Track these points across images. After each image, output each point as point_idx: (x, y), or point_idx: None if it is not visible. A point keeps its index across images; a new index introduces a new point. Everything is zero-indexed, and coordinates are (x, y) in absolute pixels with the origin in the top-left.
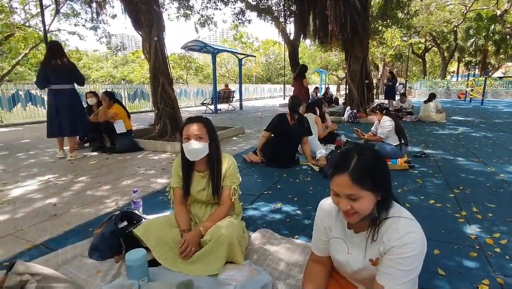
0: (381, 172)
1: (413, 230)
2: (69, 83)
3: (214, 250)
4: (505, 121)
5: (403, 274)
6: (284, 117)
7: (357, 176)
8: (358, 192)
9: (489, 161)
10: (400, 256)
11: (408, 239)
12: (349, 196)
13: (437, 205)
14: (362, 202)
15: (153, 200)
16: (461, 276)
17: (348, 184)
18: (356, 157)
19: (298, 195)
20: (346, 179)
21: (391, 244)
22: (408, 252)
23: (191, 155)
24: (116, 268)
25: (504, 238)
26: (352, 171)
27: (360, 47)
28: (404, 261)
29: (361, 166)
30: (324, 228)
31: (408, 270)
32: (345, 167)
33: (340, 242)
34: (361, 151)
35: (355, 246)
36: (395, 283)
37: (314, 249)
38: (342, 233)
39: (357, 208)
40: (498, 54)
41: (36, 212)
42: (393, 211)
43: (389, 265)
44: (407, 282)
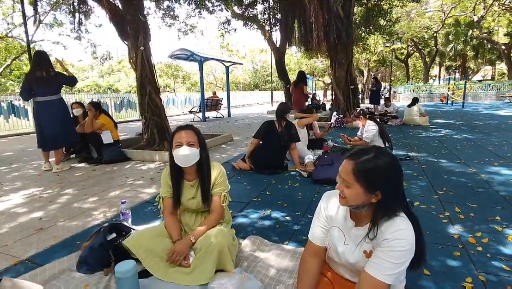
0: (385, 178)
1: (404, 228)
2: (55, 94)
3: (204, 259)
4: (485, 123)
5: (389, 266)
6: (272, 124)
7: (358, 169)
8: (351, 181)
9: (470, 162)
10: (391, 248)
11: (400, 234)
12: (344, 180)
13: (422, 206)
14: (351, 191)
15: (142, 210)
16: (446, 275)
17: (348, 170)
18: (372, 155)
19: (287, 201)
20: (349, 165)
21: (383, 236)
22: (399, 246)
23: (182, 161)
24: (105, 281)
25: (486, 237)
26: (359, 163)
27: (344, 54)
28: (393, 254)
29: (368, 164)
30: (326, 216)
31: (395, 263)
32: (358, 157)
33: (339, 232)
34: (380, 153)
35: (352, 238)
36: (380, 273)
37: (312, 238)
38: (342, 223)
39: (346, 194)
40: (477, 59)
41: (21, 226)
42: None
43: (378, 255)
44: (393, 275)
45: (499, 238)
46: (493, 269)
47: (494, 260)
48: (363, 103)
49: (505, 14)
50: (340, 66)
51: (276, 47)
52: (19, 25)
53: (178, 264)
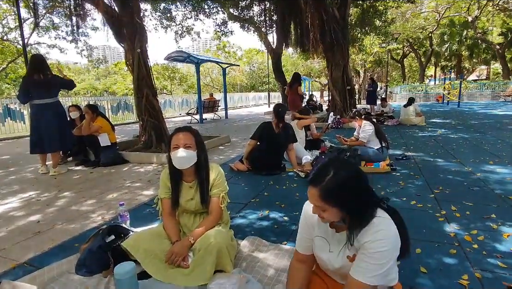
0: (352, 192)
1: (385, 228)
2: (52, 97)
3: (203, 260)
4: (480, 122)
5: (373, 268)
6: (269, 126)
7: (325, 193)
8: (324, 206)
9: (466, 161)
10: (372, 250)
11: (379, 235)
12: (317, 206)
13: (419, 205)
14: (328, 213)
15: (140, 212)
16: (442, 272)
17: (317, 198)
18: (331, 175)
19: (285, 201)
20: (316, 192)
21: (364, 240)
22: (379, 247)
23: (179, 163)
24: (104, 283)
25: (481, 235)
26: (322, 187)
27: (341, 55)
28: (375, 255)
29: (332, 185)
30: (308, 226)
31: (379, 264)
32: (319, 181)
33: (323, 241)
34: (338, 167)
35: (335, 245)
36: (366, 276)
37: (298, 248)
38: (324, 232)
39: (323, 216)
40: (472, 58)
41: (19, 230)
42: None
43: (361, 259)
44: (377, 276)
45: (494, 236)
46: (489, 266)
47: (490, 257)
48: (360, 104)
49: (499, 14)
50: (337, 67)
51: (272, 49)
52: (15, 29)
53: (177, 265)
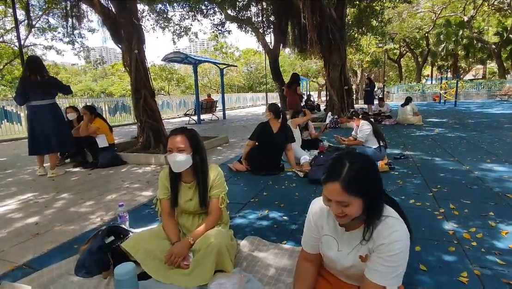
0: (371, 179)
1: (399, 228)
2: (49, 98)
3: (203, 260)
4: (477, 121)
5: (391, 270)
6: (268, 126)
7: (348, 185)
8: (348, 199)
9: (464, 160)
10: (388, 253)
11: (395, 237)
12: (340, 202)
13: (417, 204)
14: (351, 207)
15: (139, 213)
16: (441, 270)
17: (339, 192)
18: (348, 165)
19: (284, 201)
20: (337, 187)
21: (380, 242)
22: (395, 249)
23: (174, 167)
24: (104, 284)
25: (480, 232)
26: (343, 179)
27: (338, 55)
28: (391, 258)
29: (352, 175)
30: (316, 225)
31: (396, 266)
32: (337, 175)
33: (331, 240)
34: (353, 158)
35: (345, 244)
36: (384, 279)
37: (305, 246)
38: (333, 231)
39: (347, 212)
40: (468, 58)
41: (18, 231)
42: (384, 211)
43: (377, 262)
44: (395, 277)
45: (493, 233)
46: (488, 263)
47: (489, 255)
48: (358, 104)
49: (494, 14)
50: (334, 67)
51: (270, 49)
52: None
53: (177, 266)
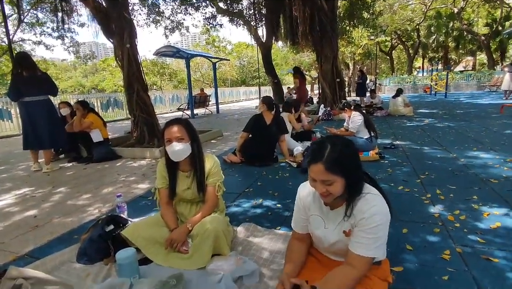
0: (351, 159)
1: (377, 203)
2: (43, 94)
3: (201, 244)
4: (465, 112)
5: (372, 242)
6: (261, 118)
7: (330, 165)
8: (331, 177)
9: (451, 148)
10: (368, 226)
11: (373, 210)
12: (323, 181)
13: (406, 190)
14: (335, 185)
15: (136, 204)
16: (426, 249)
17: (323, 171)
18: (329, 147)
19: (278, 190)
20: (321, 167)
21: (360, 216)
22: (375, 222)
23: (174, 156)
24: (106, 270)
25: (463, 214)
26: (326, 160)
27: (330, 47)
28: (371, 230)
29: (333, 156)
30: (304, 207)
31: (376, 237)
32: (320, 156)
33: (318, 219)
34: (333, 141)
35: (331, 221)
36: (366, 250)
37: (295, 227)
38: (319, 211)
39: (331, 190)
40: (458, 49)
41: (17, 224)
42: (363, 189)
43: (359, 235)
44: (376, 248)
45: (475, 215)
46: (469, 242)
47: (471, 234)
48: (350, 96)
49: (484, 5)
50: (326, 60)
51: (262, 42)
52: None
53: (176, 250)
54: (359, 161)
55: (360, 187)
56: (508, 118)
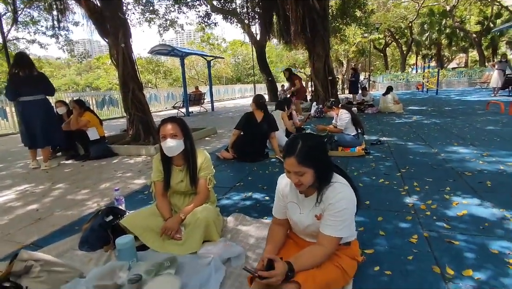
0: (320, 153)
1: (343, 190)
2: (40, 93)
3: (193, 232)
4: (453, 108)
5: (338, 224)
6: (252, 116)
7: (301, 158)
8: (302, 169)
9: (434, 144)
10: (335, 210)
11: (340, 197)
12: (296, 172)
13: (386, 182)
14: (306, 176)
15: (133, 199)
16: (397, 234)
17: (295, 164)
18: (301, 143)
19: (267, 184)
20: (293, 160)
21: (328, 202)
22: (341, 206)
23: (168, 152)
24: (106, 256)
25: (435, 204)
26: (297, 154)
27: (322, 46)
28: (338, 214)
29: (304, 150)
30: (282, 195)
31: (342, 220)
32: (293, 151)
33: (294, 205)
34: (304, 138)
35: (305, 207)
36: (334, 231)
37: (275, 214)
38: (296, 198)
39: (302, 180)
40: (451, 47)
41: (20, 218)
42: (332, 179)
43: (328, 218)
44: (342, 229)
45: (446, 204)
46: (436, 228)
47: (439, 221)
48: (344, 94)
49: (476, 3)
50: (318, 58)
51: (256, 41)
52: None
53: (171, 238)
54: (327, 154)
55: (328, 177)
56: (493, 114)
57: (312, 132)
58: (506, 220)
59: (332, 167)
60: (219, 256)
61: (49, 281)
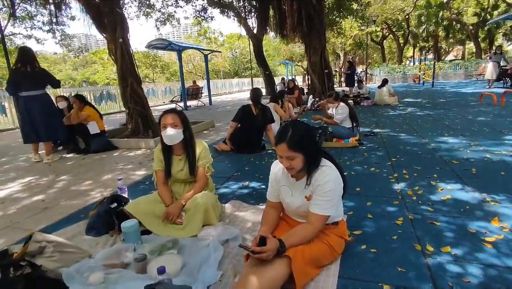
0: (308, 140)
1: (330, 173)
2: (40, 88)
3: (193, 217)
4: (447, 100)
5: (325, 203)
6: (248, 108)
7: (292, 144)
8: (292, 154)
9: (425, 135)
10: (323, 191)
11: (327, 178)
12: (287, 157)
13: (376, 171)
14: (296, 160)
15: (135, 189)
16: (384, 217)
17: (286, 149)
18: (291, 130)
19: (263, 174)
20: (284, 146)
21: (317, 184)
22: (328, 187)
23: (168, 140)
24: (112, 239)
25: (421, 190)
26: (288, 140)
27: (318, 39)
28: (326, 194)
29: (294, 137)
30: (275, 179)
31: (330, 199)
32: (284, 138)
33: (286, 188)
34: (294, 126)
35: (296, 190)
36: (322, 209)
37: (269, 197)
38: (287, 182)
39: (293, 164)
40: (448, 39)
41: (27, 207)
42: (321, 163)
43: (316, 198)
44: (330, 208)
45: (431, 190)
46: (421, 211)
47: (423, 205)
48: (341, 86)
49: None
50: (315, 51)
51: (253, 34)
52: None
53: (172, 222)
54: (315, 141)
55: (317, 161)
56: (485, 106)
57: (302, 121)
58: (486, 202)
59: (320, 152)
60: (217, 238)
61: (61, 261)
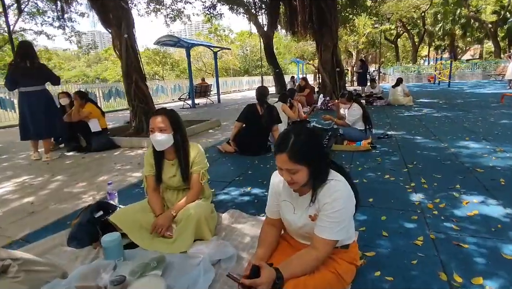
0: (314, 150)
1: (340, 189)
2: (40, 84)
3: (184, 229)
4: (465, 101)
5: (335, 225)
6: (254, 108)
7: (293, 155)
8: (295, 167)
9: (444, 138)
10: (331, 210)
11: (336, 196)
12: (288, 170)
13: (391, 178)
14: (299, 174)
15: (129, 192)
16: (401, 235)
17: (287, 161)
18: (293, 138)
19: (268, 179)
20: (285, 157)
21: (324, 201)
22: (337, 206)
23: (156, 145)
24: (94, 253)
25: (443, 202)
26: (289, 150)
27: (329, 36)
28: (334, 214)
29: (297, 146)
30: (275, 193)
31: (339, 221)
32: (284, 146)
33: (288, 204)
34: (297, 132)
35: (299, 207)
36: (329, 233)
37: (268, 213)
38: (289, 196)
39: (295, 179)
40: (465, 37)
41: (14, 211)
42: (329, 176)
43: (323, 219)
44: (339, 231)
45: (455, 203)
46: (444, 228)
47: (446, 222)
48: (353, 85)
49: None
50: (326, 49)
51: (263, 31)
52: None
53: (161, 235)
54: (322, 150)
55: (324, 175)
56: (508, 108)
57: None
58: None
59: (328, 164)
60: (209, 257)
61: (27, 282)
